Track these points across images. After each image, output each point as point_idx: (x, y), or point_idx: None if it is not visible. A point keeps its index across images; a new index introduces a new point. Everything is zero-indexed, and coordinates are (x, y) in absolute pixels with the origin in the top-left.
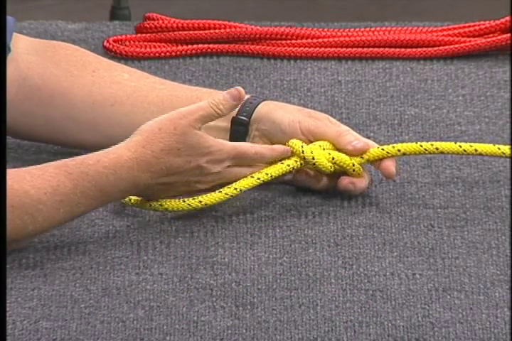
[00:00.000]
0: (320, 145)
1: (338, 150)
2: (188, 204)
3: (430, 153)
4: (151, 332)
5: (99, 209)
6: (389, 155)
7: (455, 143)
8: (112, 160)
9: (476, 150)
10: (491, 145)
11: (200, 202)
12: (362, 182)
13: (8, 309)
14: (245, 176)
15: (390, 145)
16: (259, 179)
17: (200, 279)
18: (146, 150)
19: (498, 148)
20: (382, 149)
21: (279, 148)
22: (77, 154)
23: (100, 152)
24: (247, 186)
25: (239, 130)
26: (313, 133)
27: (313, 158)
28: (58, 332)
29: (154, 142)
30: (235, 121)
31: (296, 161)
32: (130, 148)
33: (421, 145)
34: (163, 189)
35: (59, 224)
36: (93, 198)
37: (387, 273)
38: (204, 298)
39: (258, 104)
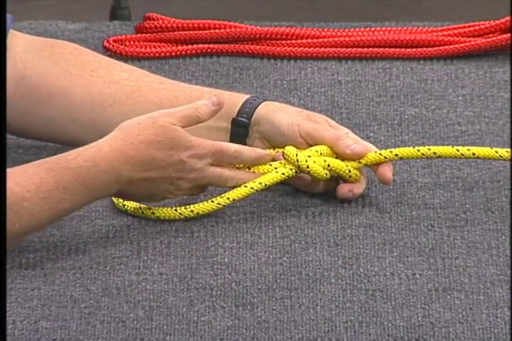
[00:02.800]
0: (317, 151)
1: (337, 154)
2: (180, 214)
3: (427, 157)
4: (151, 332)
5: (99, 209)
6: (386, 159)
7: (452, 147)
8: (91, 154)
9: (473, 154)
10: (489, 148)
11: (191, 211)
12: (359, 188)
13: (8, 309)
14: (226, 179)
15: (388, 150)
16: (252, 188)
17: (200, 279)
18: (125, 143)
19: (496, 152)
20: (380, 154)
21: (259, 149)
22: None
23: (81, 147)
24: (240, 196)
25: (239, 131)
26: (312, 136)
27: (307, 167)
28: (58, 332)
29: (133, 135)
30: (235, 122)
31: (290, 169)
32: (109, 141)
33: (418, 150)
34: (146, 186)
35: (45, 223)
36: (76, 193)
37: (387, 273)
38: (204, 298)
39: (258, 104)
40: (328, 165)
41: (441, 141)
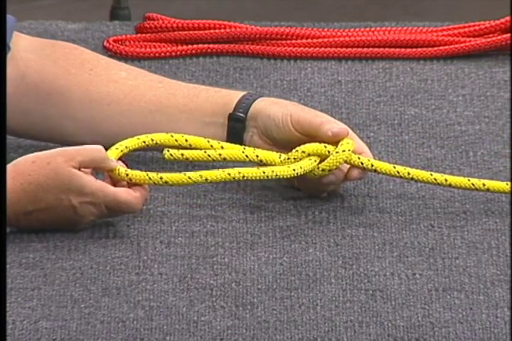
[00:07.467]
0: (304, 151)
1: (322, 139)
2: (150, 178)
3: (401, 177)
4: (151, 332)
5: None
6: (362, 166)
7: (431, 174)
8: None
9: (445, 181)
10: (462, 178)
11: (161, 178)
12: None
13: (8, 309)
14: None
15: (370, 161)
16: (229, 174)
17: (200, 279)
18: (14, 182)
19: (469, 180)
20: (361, 163)
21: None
22: None
23: None
24: (213, 176)
25: (235, 126)
26: (301, 125)
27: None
28: (58, 332)
29: (24, 174)
30: (231, 118)
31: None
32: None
33: (395, 168)
34: (33, 220)
35: None
36: None
37: (387, 273)
38: (204, 298)
39: (254, 100)
40: (318, 168)
41: (441, 141)
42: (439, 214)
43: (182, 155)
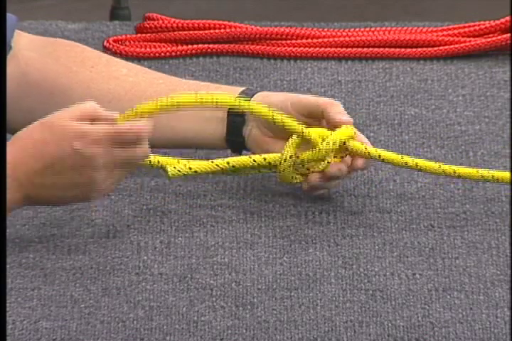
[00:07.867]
0: (319, 135)
1: (326, 118)
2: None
3: (409, 167)
4: (151, 332)
5: (100, 209)
6: (368, 156)
7: (437, 164)
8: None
9: (454, 172)
10: (471, 169)
11: (190, 168)
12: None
13: (8, 309)
14: (145, 156)
15: (374, 149)
16: (254, 161)
17: (200, 279)
18: (12, 147)
19: (477, 171)
20: (365, 148)
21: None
22: None
23: None
24: (239, 163)
25: (235, 120)
26: (303, 104)
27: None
28: (58, 332)
29: (18, 137)
30: (231, 111)
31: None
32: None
33: (402, 157)
34: (49, 183)
35: None
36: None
37: (387, 273)
38: (204, 298)
39: (253, 94)
40: (323, 140)
41: (441, 141)
42: (439, 214)
43: (185, 165)
